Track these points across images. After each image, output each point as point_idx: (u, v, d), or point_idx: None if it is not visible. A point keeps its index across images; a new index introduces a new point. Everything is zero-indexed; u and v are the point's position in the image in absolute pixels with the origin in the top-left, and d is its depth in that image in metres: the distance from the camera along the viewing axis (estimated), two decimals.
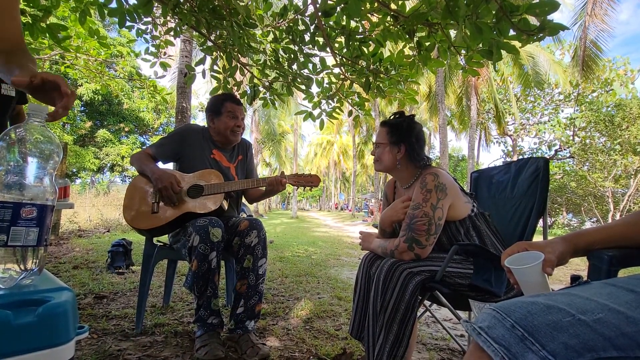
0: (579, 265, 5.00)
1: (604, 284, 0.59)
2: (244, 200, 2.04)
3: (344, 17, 1.89)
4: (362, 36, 1.96)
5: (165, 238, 1.83)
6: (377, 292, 1.22)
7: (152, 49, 2.69)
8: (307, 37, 2.06)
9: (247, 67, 2.56)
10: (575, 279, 0.64)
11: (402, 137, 1.38)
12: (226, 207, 1.73)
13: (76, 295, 2.19)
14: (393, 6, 1.67)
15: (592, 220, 14.36)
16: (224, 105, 1.83)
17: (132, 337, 1.63)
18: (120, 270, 2.99)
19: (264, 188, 1.86)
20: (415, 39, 1.75)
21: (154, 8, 2.34)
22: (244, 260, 1.63)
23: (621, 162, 11.31)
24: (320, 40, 2.04)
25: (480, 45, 1.45)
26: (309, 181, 1.80)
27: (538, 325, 0.48)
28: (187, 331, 1.74)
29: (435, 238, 1.24)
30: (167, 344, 1.58)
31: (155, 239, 1.80)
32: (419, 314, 1.42)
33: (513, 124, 18.68)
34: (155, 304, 2.14)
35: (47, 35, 2.45)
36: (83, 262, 3.33)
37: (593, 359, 0.45)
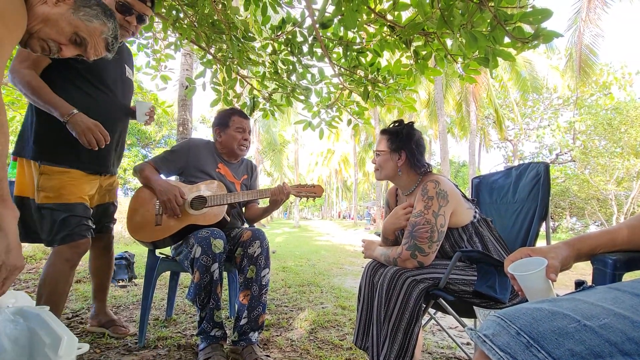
0: (584, 270, 4.95)
1: (608, 288, 0.58)
2: None
3: (341, 29, 1.93)
4: (359, 46, 1.99)
5: (167, 250, 1.83)
6: (381, 301, 1.21)
7: (153, 63, 2.73)
8: (305, 49, 2.09)
9: (246, 79, 2.59)
10: (579, 284, 0.64)
11: (402, 144, 1.39)
12: (229, 219, 1.73)
13: (79, 309, 2.17)
14: (389, 17, 1.70)
15: (596, 223, 14.27)
16: (231, 119, 1.85)
17: (135, 351, 1.61)
18: (122, 283, 2.98)
19: (262, 205, 1.88)
20: (412, 48, 1.78)
21: (155, 23, 2.39)
22: (246, 271, 1.62)
23: (622, 165, 11.29)
24: (319, 51, 2.07)
25: (477, 53, 1.47)
26: (311, 192, 1.79)
27: (543, 331, 0.47)
28: (190, 344, 1.73)
29: (438, 245, 1.24)
30: (170, 358, 1.57)
31: (157, 251, 1.80)
32: (423, 322, 1.40)
33: (513, 129, 18.73)
34: (158, 317, 2.13)
35: None
36: (86, 275, 3.31)
37: None
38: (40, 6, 0.91)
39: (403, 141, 1.39)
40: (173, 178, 1.92)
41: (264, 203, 2.01)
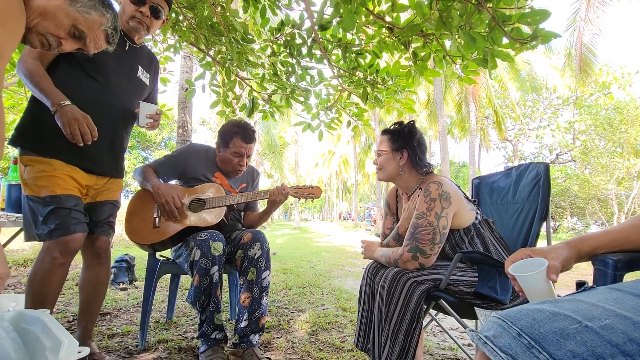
0: (586, 270, 4.94)
1: (609, 289, 0.58)
2: None
3: (340, 30, 1.93)
4: (358, 48, 1.99)
5: (168, 252, 1.83)
6: (382, 302, 1.21)
7: None
8: (304, 51, 2.09)
9: (246, 80, 2.59)
10: (580, 285, 0.64)
11: (404, 143, 1.39)
12: (227, 222, 1.73)
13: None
14: (388, 18, 1.70)
15: (597, 223, 14.25)
16: (232, 140, 1.78)
17: (136, 354, 1.61)
18: (123, 286, 2.97)
19: (261, 208, 1.87)
20: (411, 49, 1.78)
21: None
22: (247, 273, 1.62)
23: (623, 164, 11.28)
24: (318, 53, 2.07)
25: (475, 53, 1.48)
26: (310, 192, 1.79)
27: (544, 333, 0.47)
28: (191, 346, 1.72)
29: (440, 247, 1.23)
30: None
31: (158, 254, 1.80)
32: (424, 323, 1.40)
33: (513, 129, 18.75)
34: (158, 320, 2.12)
35: None
36: None
37: None
38: None
39: (404, 140, 1.39)
40: (172, 182, 1.92)
41: (263, 205, 2.00)
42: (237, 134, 1.78)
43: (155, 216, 1.63)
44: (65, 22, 0.94)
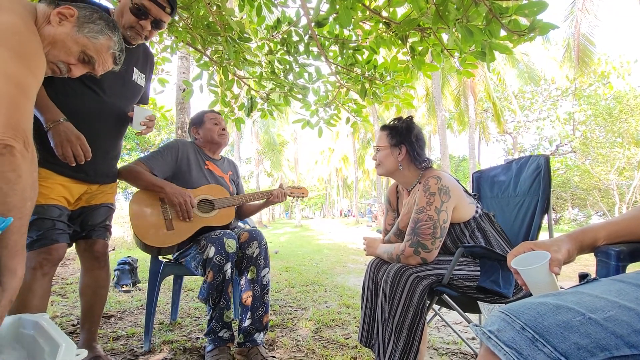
0: (588, 261, 4.94)
1: (612, 280, 0.58)
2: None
3: (337, 27, 1.92)
4: (355, 44, 1.98)
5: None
6: (385, 298, 1.21)
7: None
8: (301, 48, 2.08)
9: (243, 79, 2.58)
10: (583, 277, 0.64)
11: (402, 138, 1.39)
12: (232, 220, 1.77)
13: None
14: (384, 13, 1.69)
15: (598, 213, 14.24)
16: (204, 115, 1.94)
17: (141, 356, 1.61)
18: (126, 288, 2.98)
19: (260, 201, 2.00)
20: (408, 44, 1.77)
21: None
22: (247, 272, 1.63)
23: (623, 154, 11.25)
24: (315, 50, 2.06)
25: (473, 47, 1.47)
26: (300, 192, 2.10)
27: (548, 326, 0.47)
28: (196, 347, 1.73)
29: (441, 241, 1.23)
30: None
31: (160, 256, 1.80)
32: (428, 318, 1.40)
33: (512, 122, 18.71)
34: (162, 321, 2.13)
35: None
36: None
37: (606, 358, 0.44)
38: (46, 27, 0.90)
39: (403, 135, 1.39)
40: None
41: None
42: (207, 112, 1.98)
43: (166, 218, 1.60)
44: (75, 49, 0.95)
